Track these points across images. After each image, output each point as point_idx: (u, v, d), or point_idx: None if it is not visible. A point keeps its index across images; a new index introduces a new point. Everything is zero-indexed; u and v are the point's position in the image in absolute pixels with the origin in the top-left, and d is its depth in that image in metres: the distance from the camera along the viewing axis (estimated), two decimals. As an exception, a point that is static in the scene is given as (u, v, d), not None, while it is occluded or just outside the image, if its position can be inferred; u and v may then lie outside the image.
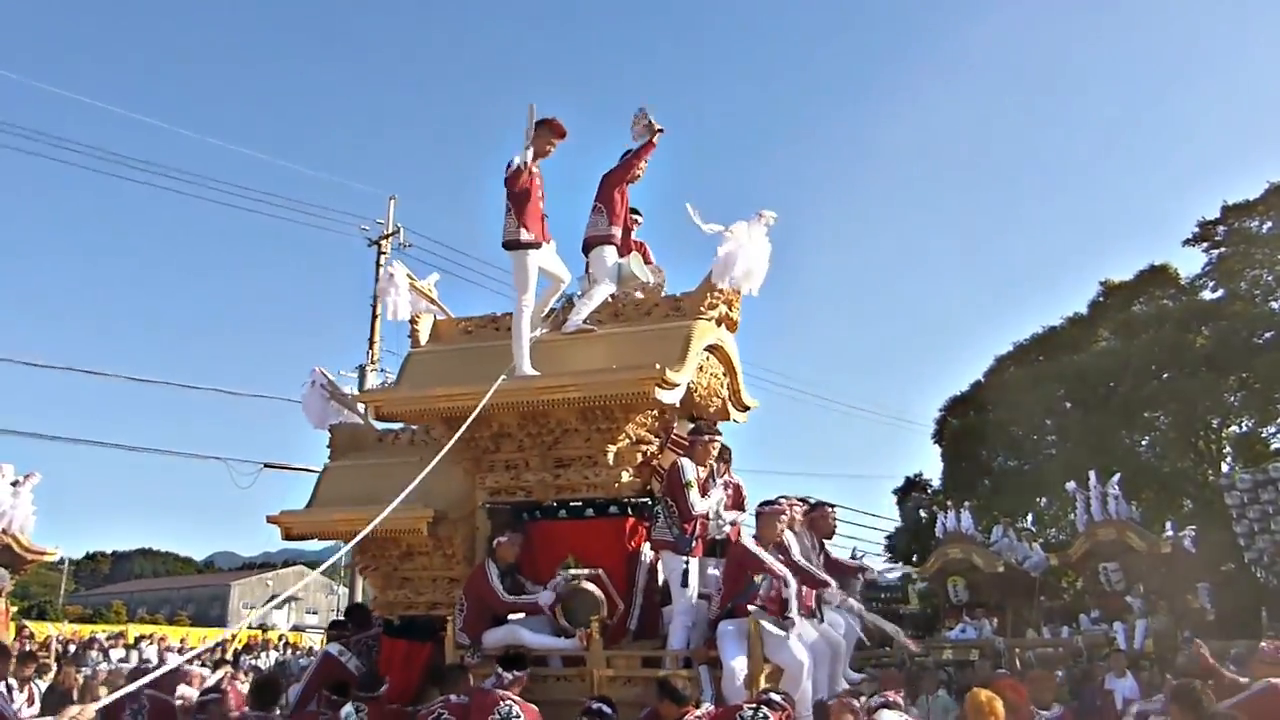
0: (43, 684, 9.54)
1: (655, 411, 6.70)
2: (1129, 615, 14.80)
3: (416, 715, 5.79)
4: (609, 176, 7.20)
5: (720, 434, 6.75)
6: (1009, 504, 25.14)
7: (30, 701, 8.38)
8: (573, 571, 6.29)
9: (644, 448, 6.85)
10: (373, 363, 20.88)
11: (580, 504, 6.64)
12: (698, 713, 5.13)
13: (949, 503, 22.14)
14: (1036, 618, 17.28)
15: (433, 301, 7.89)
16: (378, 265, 24.50)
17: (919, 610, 24.66)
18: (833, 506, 7.72)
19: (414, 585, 7.41)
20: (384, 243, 25.18)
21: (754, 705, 5.00)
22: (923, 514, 29.78)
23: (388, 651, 6.88)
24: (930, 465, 33.87)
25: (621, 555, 6.48)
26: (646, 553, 6.55)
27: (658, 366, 6.09)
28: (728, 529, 6.72)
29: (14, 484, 14.97)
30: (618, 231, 7.16)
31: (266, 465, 18.45)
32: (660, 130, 7.13)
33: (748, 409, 7.91)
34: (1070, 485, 17.13)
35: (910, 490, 32.56)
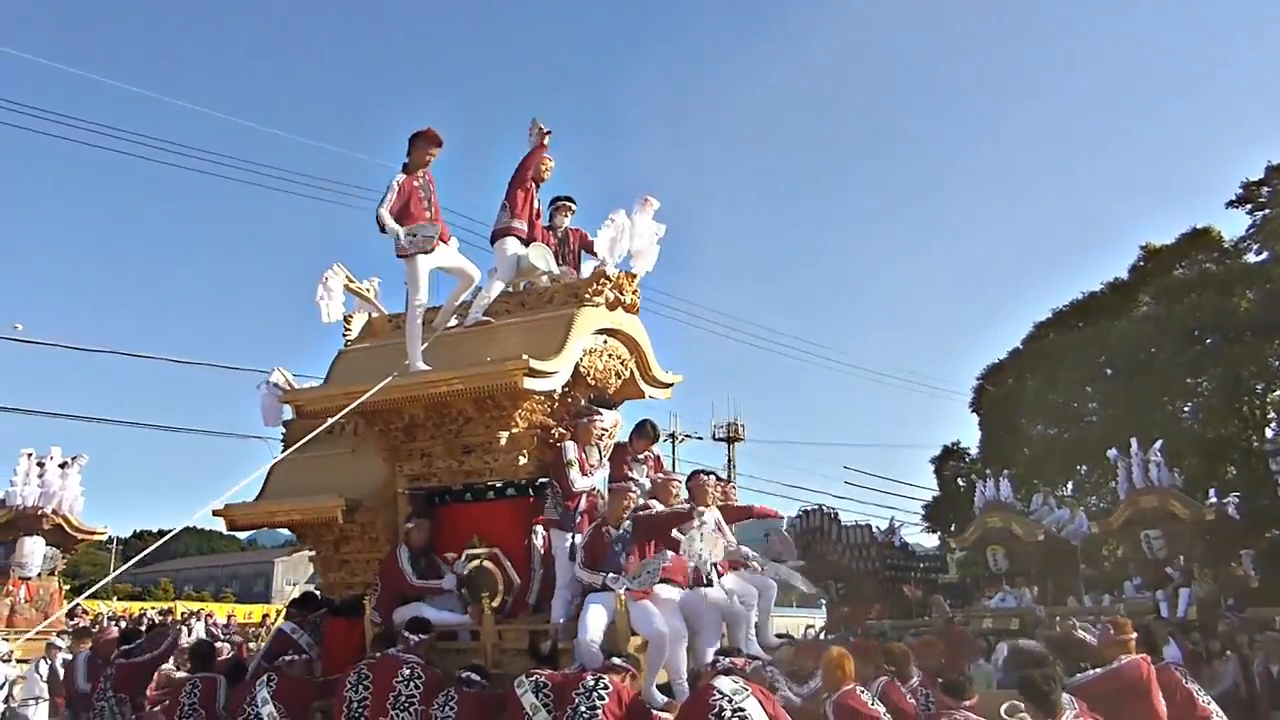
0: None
1: (555, 396, 7.04)
2: (1171, 583, 14.67)
3: (335, 681, 6.45)
4: (511, 178, 7.75)
5: (599, 414, 6.99)
6: (1048, 472, 24.88)
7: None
8: (469, 553, 6.85)
9: (541, 432, 7.13)
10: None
11: (483, 487, 7.11)
12: (569, 671, 5.69)
13: (987, 471, 21.99)
14: (1077, 586, 17.14)
15: (369, 301, 8.44)
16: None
17: (958, 579, 24.60)
18: (710, 474, 7.78)
19: (350, 568, 7.97)
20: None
21: (596, 675, 5.47)
22: (961, 483, 29.61)
23: (330, 629, 7.51)
24: (968, 434, 33.66)
25: (521, 534, 6.92)
26: (540, 530, 6.93)
27: (524, 358, 6.47)
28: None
29: (62, 465, 15.30)
30: (520, 225, 7.60)
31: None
32: (547, 133, 7.71)
33: (668, 385, 8.23)
34: (1112, 452, 16.94)
35: (948, 459, 32.36)
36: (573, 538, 6.61)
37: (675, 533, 6.67)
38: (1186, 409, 26.31)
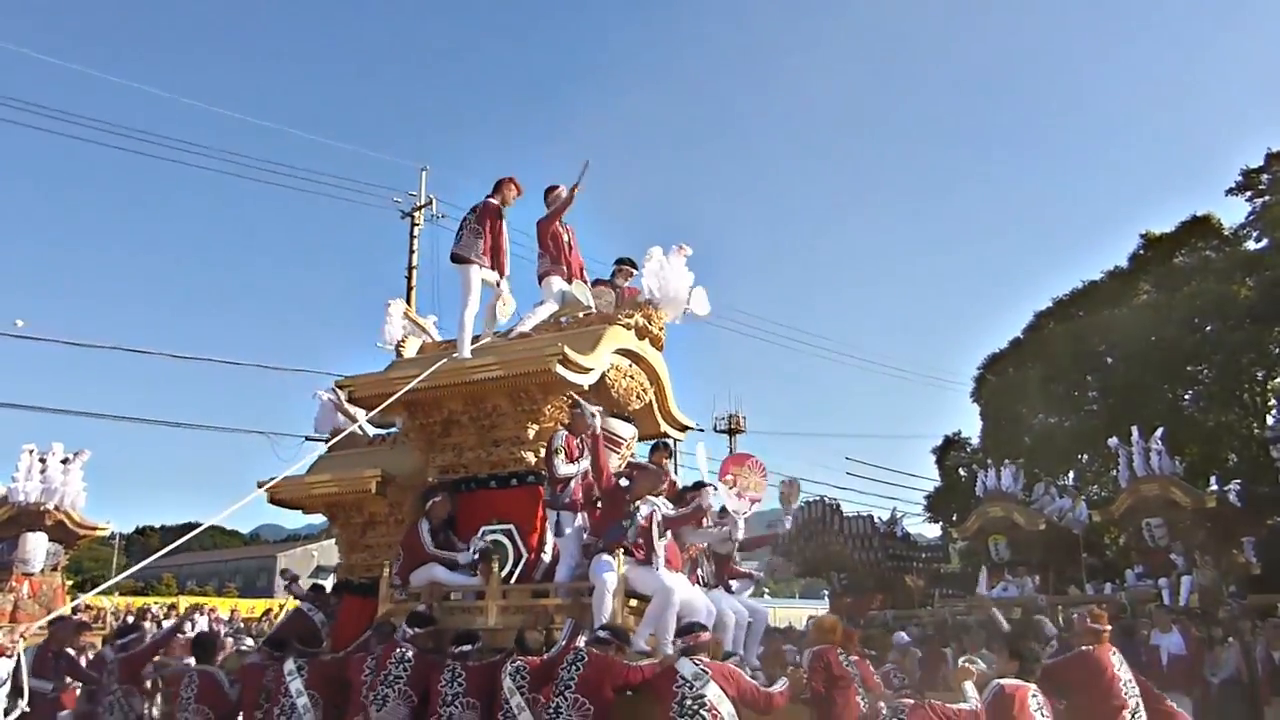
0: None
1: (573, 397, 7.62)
2: (1173, 571, 14.67)
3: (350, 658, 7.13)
4: (543, 223, 8.56)
5: (595, 407, 7.46)
6: (1050, 461, 24.89)
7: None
8: (486, 529, 7.62)
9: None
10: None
11: (505, 475, 7.85)
12: (549, 653, 6.24)
13: (989, 461, 21.98)
14: (1079, 575, 17.14)
15: (424, 330, 9.39)
16: (412, 237, 24.65)
17: (960, 569, 24.63)
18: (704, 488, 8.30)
19: (372, 552, 8.66)
20: (417, 214, 25.28)
21: (578, 649, 5.99)
22: (962, 473, 29.60)
23: (345, 607, 8.37)
24: (969, 424, 33.65)
25: (534, 515, 7.65)
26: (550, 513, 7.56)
27: (560, 345, 7.21)
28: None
29: (64, 461, 15.30)
30: (562, 267, 8.45)
31: (308, 439, 18.65)
32: (575, 189, 8.45)
33: (685, 427, 9.01)
34: (1112, 441, 16.91)
35: (949, 449, 32.35)
36: (558, 516, 7.28)
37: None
38: (1187, 397, 26.28)
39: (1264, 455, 23.68)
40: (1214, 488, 16.13)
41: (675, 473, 8.36)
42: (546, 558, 7.53)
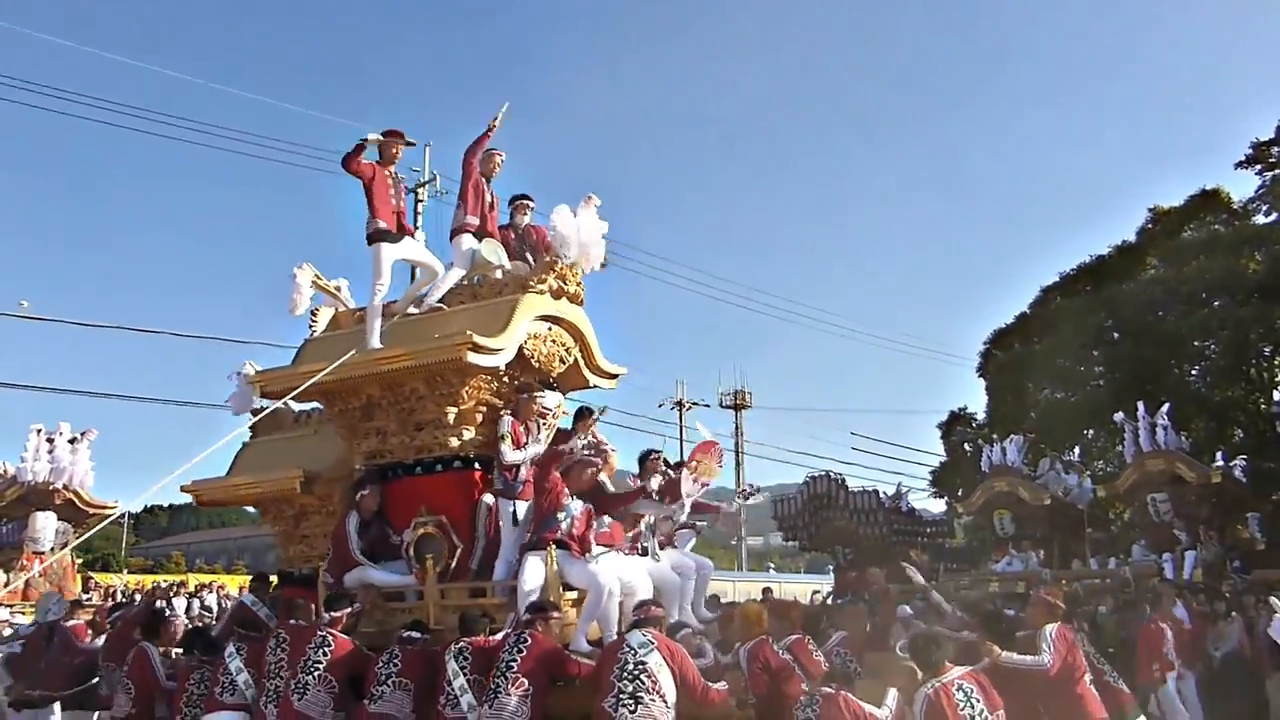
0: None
1: (503, 375, 7.56)
2: (1177, 546, 14.69)
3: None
4: (463, 176, 8.23)
5: (540, 392, 7.49)
6: (1055, 436, 24.87)
7: None
8: (417, 521, 7.34)
9: (486, 410, 7.63)
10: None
11: (431, 460, 7.63)
12: (495, 638, 6.26)
13: (994, 436, 21.97)
14: (1084, 550, 17.16)
15: (335, 298, 8.93)
16: (416, 214, 24.66)
17: (965, 544, 24.65)
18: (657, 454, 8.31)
19: (309, 542, 8.53)
20: (421, 191, 25.22)
21: (519, 631, 6.01)
22: (967, 448, 29.60)
23: (287, 597, 8.05)
24: (975, 399, 33.59)
25: (466, 504, 7.51)
26: (487, 500, 7.48)
27: (469, 333, 6.99)
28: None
29: (72, 441, 15.41)
30: (473, 221, 8.07)
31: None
32: (492, 126, 8.16)
33: (613, 376, 8.70)
34: (1118, 416, 16.89)
35: (955, 424, 32.34)
36: (513, 505, 7.15)
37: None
38: (1194, 372, 26.20)
39: (1270, 431, 23.66)
40: (1219, 463, 16.12)
41: (604, 436, 8.05)
42: (479, 550, 7.43)
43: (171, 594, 21.14)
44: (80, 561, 15.85)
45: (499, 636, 6.30)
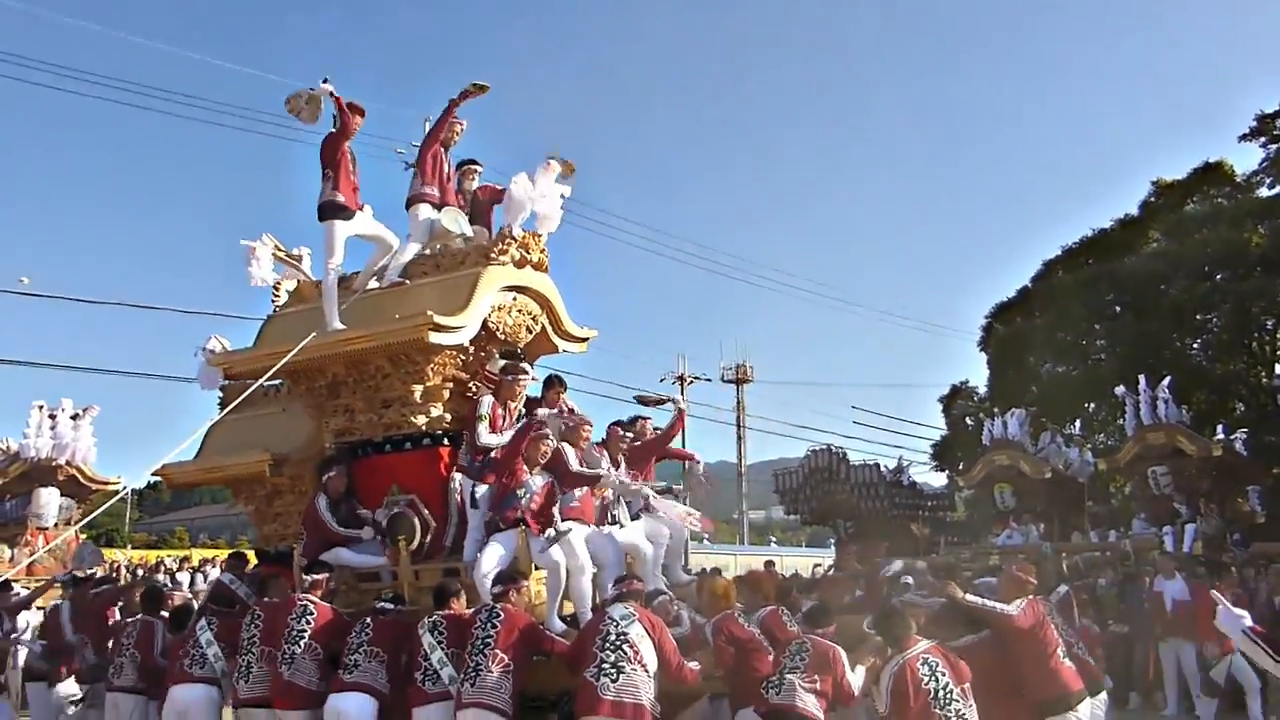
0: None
1: (469, 351, 7.49)
2: (1177, 519, 14.73)
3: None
4: (422, 144, 8.10)
5: (525, 372, 7.45)
6: (1057, 410, 24.88)
7: None
8: (389, 500, 7.39)
9: (455, 385, 7.59)
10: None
11: (400, 438, 7.56)
12: (468, 611, 6.22)
13: (995, 410, 21.98)
14: (1084, 523, 17.21)
15: (297, 269, 8.74)
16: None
17: (965, 517, 24.71)
18: (636, 420, 8.42)
19: (283, 520, 8.47)
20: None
21: (491, 606, 6.00)
22: (969, 422, 29.63)
23: (264, 576, 8.08)
24: (977, 373, 33.56)
25: (437, 482, 7.45)
26: (458, 478, 7.35)
27: (429, 314, 6.91)
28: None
29: (74, 417, 15.41)
30: (431, 190, 7.93)
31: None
32: (460, 98, 7.94)
33: (582, 340, 8.59)
34: (1120, 389, 16.88)
35: (956, 398, 32.34)
36: (473, 486, 7.05)
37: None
38: (1195, 346, 26.16)
39: (1271, 404, 23.68)
40: (1220, 436, 16.12)
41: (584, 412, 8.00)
42: (452, 528, 7.38)
43: (176, 569, 21.28)
44: (85, 537, 15.85)
45: (471, 611, 6.28)
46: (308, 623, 6.52)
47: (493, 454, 7.08)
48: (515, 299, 7.80)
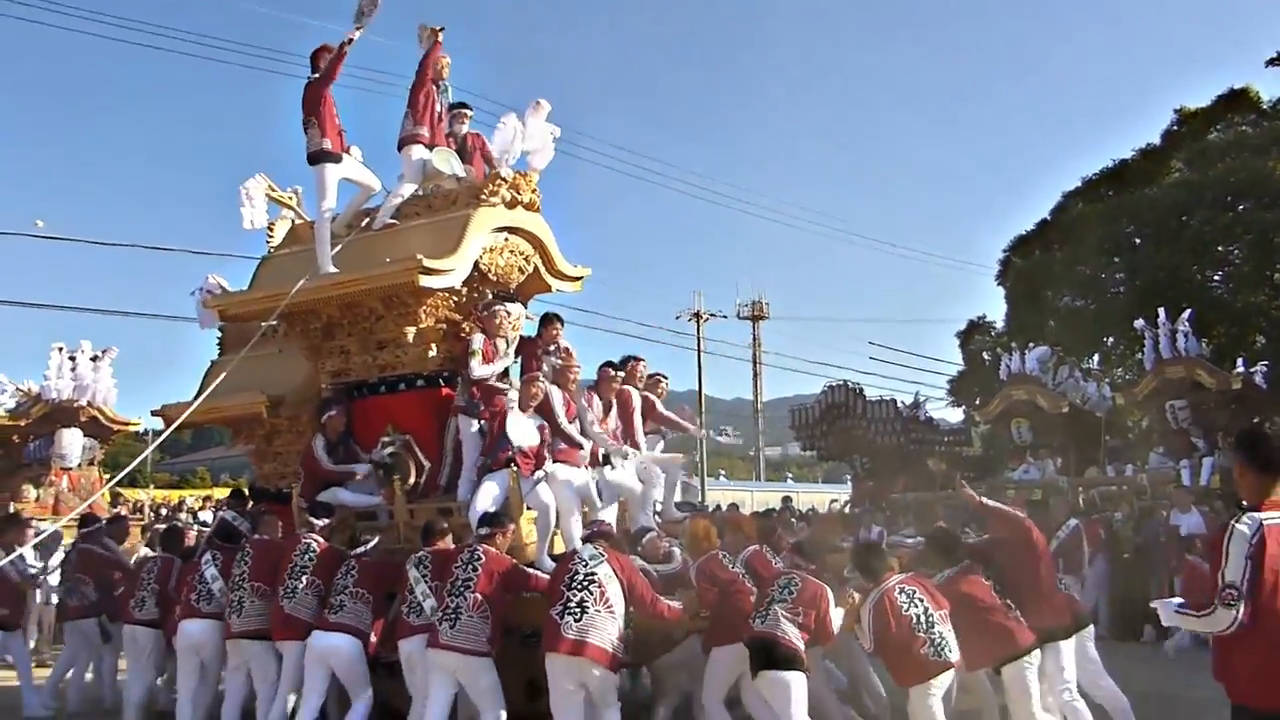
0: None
1: (462, 292, 7.56)
2: (1194, 453, 14.68)
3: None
4: (412, 84, 8.04)
5: (504, 307, 7.44)
6: (1075, 344, 24.69)
7: None
8: (384, 440, 7.45)
9: (448, 326, 7.66)
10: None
11: (395, 379, 7.69)
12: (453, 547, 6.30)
13: (1013, 345, 21.87)
14: (1101, 457, 17.20)
15: (291, 208, 8.77)
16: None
17: (982, 452, 24.74)
18: (629, 360, 8.44)
19: (282, 459, 8.68)
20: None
21: (472, 546, 6.05)
22: (986, 357, 29.50)
23: (259, 513, 8.11)
24: (994, 307, 33.30)
25: (431, 422, 7.53)
26: (457, 419, 7.38)
27: (419, 257, 6.97)
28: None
29: (94, 359, 15.53)
30: (423, 131, 7.91)
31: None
32: (439, 30, 7.95)
33: (575, 279, 8.64)
34: (1139, 323, 16.73)
35: (973, 333, 32.16)
36: (477, 424, 7.13)
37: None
38: (1216, 278, 25.82)
39: (1292, 336, 23.43)
40: (1240, 370, 15.99)
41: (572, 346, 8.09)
42: (447, 467, 7.45)
43: (199, 509, 21.60)
44: (108, 477, 16.07)
45: (456, 546, 6.36)
46: (310, 559, 6.72)
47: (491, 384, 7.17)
48: (507, 240, 7.91)
